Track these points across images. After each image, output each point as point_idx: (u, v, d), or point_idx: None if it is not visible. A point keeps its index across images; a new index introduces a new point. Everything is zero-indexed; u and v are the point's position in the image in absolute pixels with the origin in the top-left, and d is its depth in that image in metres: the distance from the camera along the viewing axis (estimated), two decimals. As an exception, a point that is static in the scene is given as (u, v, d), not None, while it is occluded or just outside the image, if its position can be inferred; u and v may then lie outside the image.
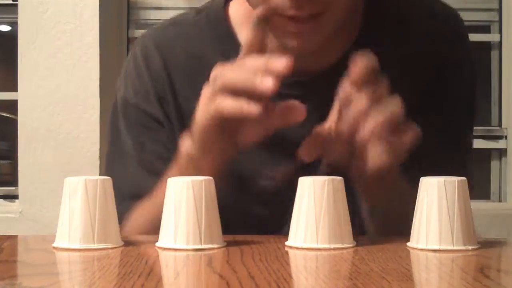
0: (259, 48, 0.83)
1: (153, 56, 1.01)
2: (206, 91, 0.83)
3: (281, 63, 0.77)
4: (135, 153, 1.01)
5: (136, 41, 1.06)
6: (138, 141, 1.01)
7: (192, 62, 0.99)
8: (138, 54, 1.02)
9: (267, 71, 0.77)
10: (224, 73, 0.81)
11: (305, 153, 0.84)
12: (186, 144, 0.88)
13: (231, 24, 1.00)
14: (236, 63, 0.82)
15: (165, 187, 0.76)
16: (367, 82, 0.79)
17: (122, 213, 0.94)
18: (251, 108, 0.78)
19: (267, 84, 0.76)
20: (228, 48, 0.98)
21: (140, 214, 0.96)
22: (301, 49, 0.88)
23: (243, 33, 0.98)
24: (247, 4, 0.98)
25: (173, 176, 0.79)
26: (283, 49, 0.89)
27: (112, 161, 1.06)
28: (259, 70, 0.78)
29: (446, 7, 1.05)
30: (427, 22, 1.01)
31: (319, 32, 0.88)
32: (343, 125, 0.81)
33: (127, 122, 1.02)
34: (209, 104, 0.82)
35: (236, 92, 0.79)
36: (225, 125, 0.82)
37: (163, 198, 0.82)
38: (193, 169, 0.86)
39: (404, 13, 1.01)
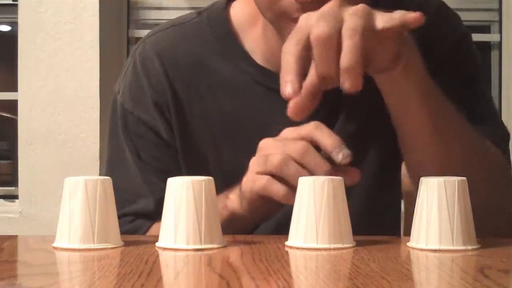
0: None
1: (152, 62, 1.00)
2: (254, 165, 0.85)
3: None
4: (133, 162, 1.01)
5: (137, 45, 1.05)
6: (135, 151, 1.01)
7: (193, 65, 0.99)
8: (137, 60, 1.02)
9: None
10: (270, 157, 0.83)
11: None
12: (234, 204, 0.90)
13: (233, 25, 1.00)
14: (280, 143, 0.84)
15: None
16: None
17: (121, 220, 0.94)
18: (289, 196, 0.81)
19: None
20: (229, 49, 0.98)
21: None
22: None
23: (246, 36, 0.99)
24: (249, 6, 0.98)
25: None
26: None
27: (112, 165, 1.05)
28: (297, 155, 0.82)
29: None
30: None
31: None
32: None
33: (125, 129, 1.02)
34: (256, 181, 0.84)
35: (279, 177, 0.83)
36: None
37: None
38: (236, 222, 0.89)
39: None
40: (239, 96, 0.98)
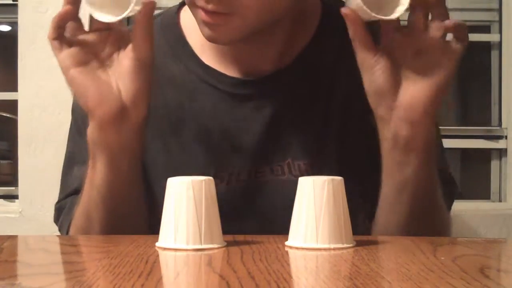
0: None
1: None
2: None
3: None
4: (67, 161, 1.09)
5: None
6: (72, 149, 1.09)
7: None
8: None
9: None
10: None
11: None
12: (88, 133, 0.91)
13: (181, 28, 1.04)
14: None
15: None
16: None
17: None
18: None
19: None
20: (178, 51, 1.02)
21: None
22: (213, 38, 0.92)
23: (195, 36, 1.02)
24: None
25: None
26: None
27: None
28: None
29: None
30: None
31: (229, 28, 0.90)
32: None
33: (72, 124, 1.09)
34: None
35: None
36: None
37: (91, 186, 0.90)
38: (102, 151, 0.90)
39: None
40: (186, 94, 1.01)
